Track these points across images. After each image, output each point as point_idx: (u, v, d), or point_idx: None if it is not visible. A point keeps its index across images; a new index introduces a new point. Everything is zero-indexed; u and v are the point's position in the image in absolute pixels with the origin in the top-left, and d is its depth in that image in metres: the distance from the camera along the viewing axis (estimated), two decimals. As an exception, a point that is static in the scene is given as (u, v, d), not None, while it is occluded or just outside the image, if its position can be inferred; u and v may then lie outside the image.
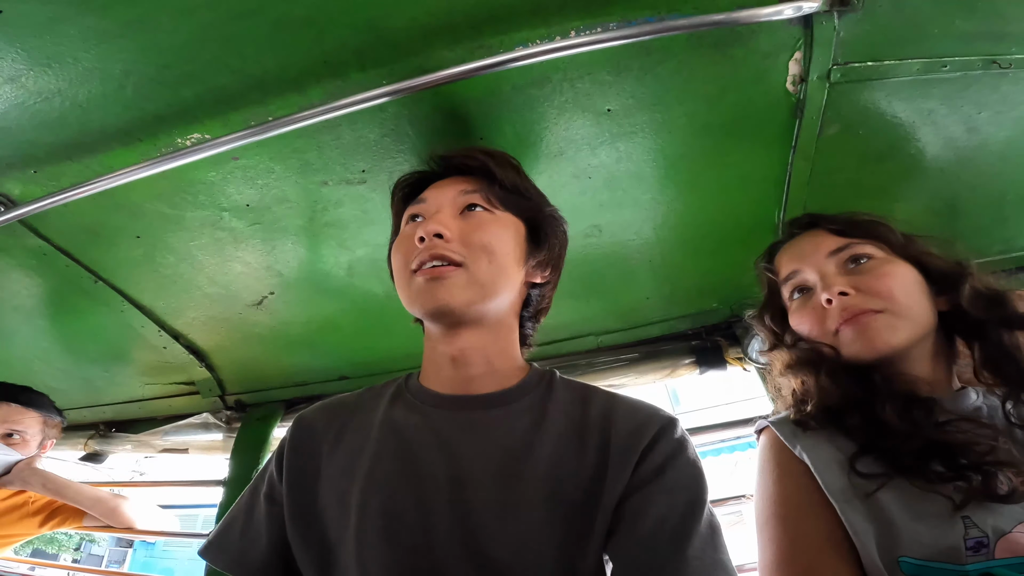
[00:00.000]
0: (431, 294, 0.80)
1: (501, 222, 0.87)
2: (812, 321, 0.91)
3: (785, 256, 0.99)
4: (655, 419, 0.79)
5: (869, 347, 0.84)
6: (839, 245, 0.92)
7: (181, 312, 1.50)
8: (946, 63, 0.95)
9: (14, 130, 1.00)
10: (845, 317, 0.86)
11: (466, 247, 0.82)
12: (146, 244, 1.27)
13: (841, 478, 0.77)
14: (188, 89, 0.95)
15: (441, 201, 0.87)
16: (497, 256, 0.83)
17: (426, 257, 0.81)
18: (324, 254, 1.30)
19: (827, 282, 0.89)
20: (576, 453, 0.76)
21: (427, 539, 0.71)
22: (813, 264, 0.93)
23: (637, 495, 0.72)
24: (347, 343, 1.59)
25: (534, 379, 0.87)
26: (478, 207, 0.86)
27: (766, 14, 0.83)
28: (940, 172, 1.14)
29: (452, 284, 0.80)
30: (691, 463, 0.76)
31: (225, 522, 0.87)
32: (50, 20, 0.84)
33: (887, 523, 0.71)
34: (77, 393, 1.92)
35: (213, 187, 1.13)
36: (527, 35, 0.89)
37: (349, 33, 0.88)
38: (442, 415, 0.83)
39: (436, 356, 0.87)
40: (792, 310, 0.96)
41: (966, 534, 0.67)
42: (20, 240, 1.26)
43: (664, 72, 0.95)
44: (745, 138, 1.07)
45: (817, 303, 0.90)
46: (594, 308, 1.51)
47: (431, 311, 0.81)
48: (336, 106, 0.91)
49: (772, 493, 0.84)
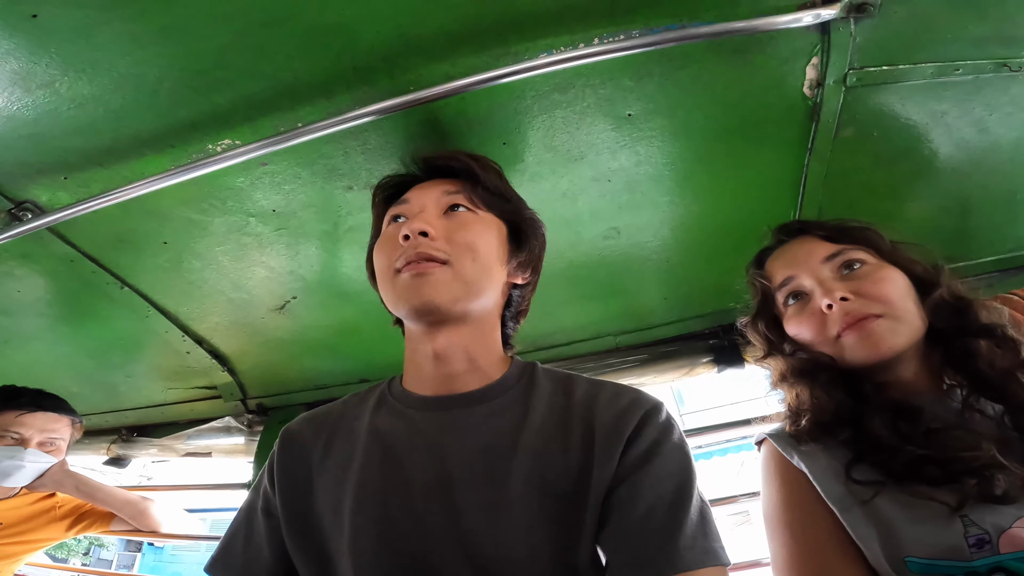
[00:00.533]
0: (417, 291, 0.79)
1: (484, 222, 0.87)
2: (811, 327, 0.91)
3: (778, 263, 0.99)
4: (639, 403, 0.78)
5: (873, 351, 0.85)
6: (832, 251, 0.92)
7: (205, 317, 1.53)
8: (958, 66, 0.97)
9: (46, 136, 1.01)
10: (848, 322, 0.86)
11: (450, 245, 0.82)
12: (173, 250, 1.29)
13: (838, 486, 0.79)
14: (220, 95, 0.97)
15: (424, 201, 0.87)
16: (481, 255, 0.83)
17: (412, 255, 0.80)
18: (346, 258, 1.32)
19: (826, 287, 0.89)
20: (561, 444, 0.76)
21: (422, 544, 0.71)
22: (808, 270, 0.93)
23: (625, 484, 0.72)
24: (367, 346, 1.60)
25: (515, 373, 0.87)
26: (461, 207, 0.87)
27: (785, 21, 0.85)
28: (952, 172, 1.16)
29: (438, 281, 0.79)
30: (678, 448, 0.76)
31: (227, 537, 0.88)
32: (86, 26, 0.84)
33: (887, 526, 0.73)
34: (100, 398, 1.94)
35: (241, 193, 1.15)
36: (551, 42, 0.91)
37: (378, 40, 0.90)
38: (426, 417, 0.82)
39: (417, 356, 0.86)
40: (788, 316, 0.95)
41: (966, 532, 0.68)
42: (47, 246, 1.28)
43: (684, 77, 0.97)
44: (762, 141, 1.09)
45: (816, 308, 0.89)
46: (612, 309, 1.53)
47: (416, 307, 0.80)
48: (364, 112, 0.93)
49: (776, 502, 0.87)
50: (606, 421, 0.77)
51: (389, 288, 0.83)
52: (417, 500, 0.74)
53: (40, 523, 1.72)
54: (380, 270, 0.87)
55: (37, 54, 0.88)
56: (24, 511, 1.71)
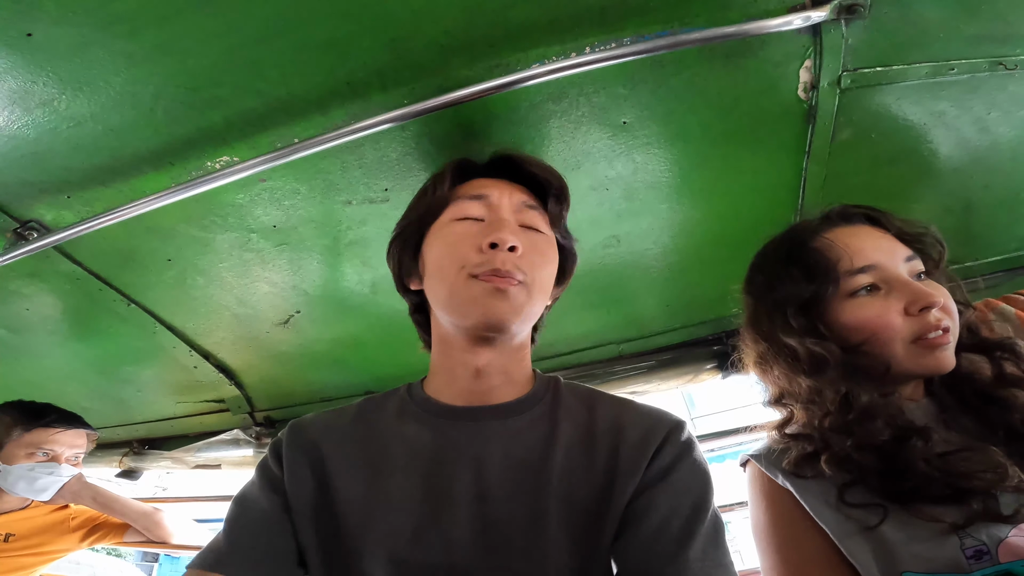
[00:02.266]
0: (493, 307, 0.76)
1: (553, 247, 0.87)
2: (891, 322, 0.83)
3: (858, 243, 0.89)
4: (663, 423, 0.79)
5: (942, 364, 0.82)
6: (910, 255, 0.88)
7: (211, 332, 1.54)
8: (953, 66, 0.96)
9: (47, 155, 1.02)
10: (935, 327, 0.81)
11: (529, 265, 0.80)
12: (177, 267, 1.30)
13: (831, 511, 0.77)
14: (216, 112, 0.97)
15: (505, 204, 0.84)
16: (547, 282, 0.84)
17: (497, 266, 0.77)
18: (348, 272, 1.33)
19: (921, 290, 0.83)
20: (587, 461, 0.76)
21: (449, 556, 0.71)
22: (892, 265, 0.86)
23: (643, 496, 0.72)
24: (372, 359, 1.62)
25: (542, 387, 0.87)
26: (535, 228, 0.85)
27: (775, 25, 0.84)
28: (954, 172, 1.15)
29: (515, 301, 0.77)
30: (697, 465, 0.76)
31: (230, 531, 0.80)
32: (80, 44, 0.85)
33: (883, 543, 0.71)
34: (111, 412, 1.96)
35: (242, 209, 1.16)
36: (543, 52, 0.91)
37: (370, 55, 0.91)
38: (457, 427, 0.81)
39: (454, 366, 0.84)
40: (856, 304, 0.86)
41: (962, 545, 0.67)
42: (54, 265, 1.29)
43: (677, 84, 0.97)
44: (759, 145, 1.08)
45: (900, 306, 0.83)
46: (614, 317, 1.52)
47: (488, 322, 0.77)
48: (359, 127, 0.93)
49: (764, 522, 0.85)
50: (632, 441, 0.77)
51: (456, 290, 0.79)
52: (445, 510, 0.74)
53: (54, 534, 1.74)
54: (445, 266, 0.81)
55: (35, 73, 0.88)
56: (38, 522, 1.74)
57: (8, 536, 1.68)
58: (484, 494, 0.74)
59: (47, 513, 1.76)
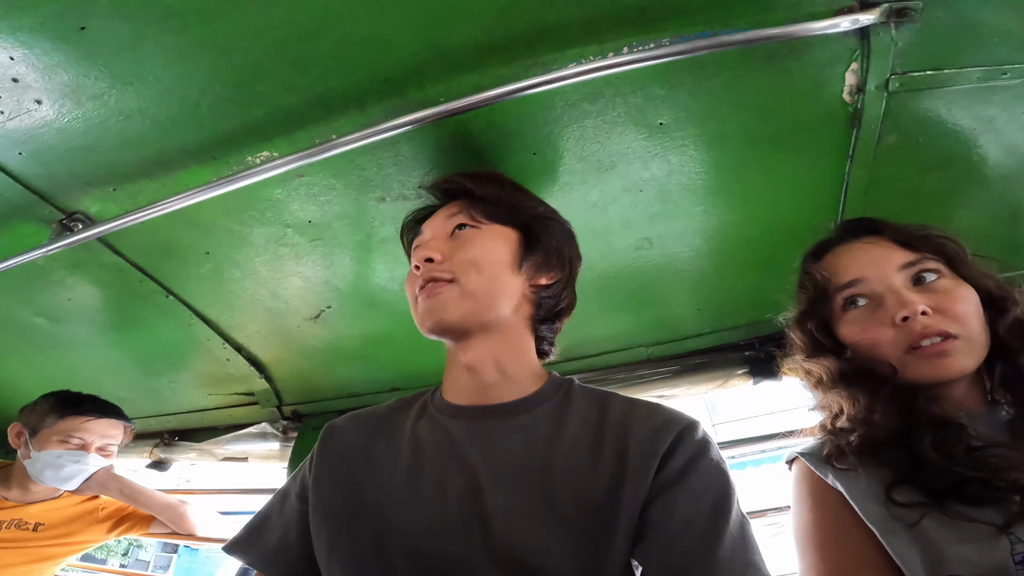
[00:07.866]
0: (429, 312, 0.85)
1: (487, 234, 0.90)
2: (878, 336, 0.85)
3: (845, 260, 0.92)
4: (674, 423, 0.79)
5: (944, 372, 0.80)
6: (910, 259, 0.86)
7: (244, 325, 1.57)
8: (1006, 70, 0.93)
9: (97, 148, 1.05)
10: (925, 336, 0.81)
11: (454, 264, 0.87)
12: (214, 260, 1.33)
13: (879, 507, 0.75)
14: (259, 108, 0.99)
15: (435, 229, 0.93)
16: (485, 267, 0.87)
17: (422, 281, 0.87)
18: (380, 269, 1.34)
19: (904, 298, 0.83)
20: (592, 462, 0.77)
21: (454, 549, 0.73)
22: (881, 275, 0.86)
23: (660, 499, 0.72)
24: (400, 356, 1.62)
25: (552, 387, 0.89)
26: (466, 226, 0.91)
27: (821, 27, 0.83)
28: (1002, 179, 1.11)
29: (445, 299, 0.85)
30: (714, 464, 0.76)
31: (256, 520, 0.92)
32: (132, 38, 0.88)
33: (931, 545, 0.70)
34: (144, 403, 2.00)
35: (279, 204, 1.18)
36: (580, 52, 0.91)
37: (409, 52, 0.92)
38: (460, 426, 0.86)
39: (454, 367, 0.91)
40: (847, 320, 0.89)
41: (1012, 550, 0.65)
42: (97, 256, 1.33)
43: (717, 85, 0.96)
44: (800, 149, 1.06)
45: (887, 318, 0.84)
46: (644, 320, 1.50)
47: (431, 327, 0.86)
48: (396, 124, 0.94)
49: (808, 522, 0.83)
50: (640, 439, 0.77)
51: (414, 314, 0.90)
52: (450, 505, 0.76)
53: (82, 525, 1.76)
54: (409, 300, 0.92)
55: (86, 66, 0.91)
56: (67, 512, 1.76)
57: (38, 525, 1.70)
58: (479, 488, 0.77)
59: (76, 504, 1.78)
